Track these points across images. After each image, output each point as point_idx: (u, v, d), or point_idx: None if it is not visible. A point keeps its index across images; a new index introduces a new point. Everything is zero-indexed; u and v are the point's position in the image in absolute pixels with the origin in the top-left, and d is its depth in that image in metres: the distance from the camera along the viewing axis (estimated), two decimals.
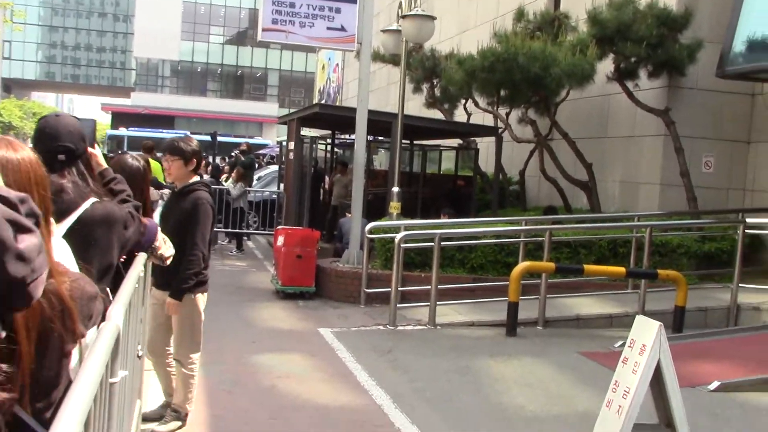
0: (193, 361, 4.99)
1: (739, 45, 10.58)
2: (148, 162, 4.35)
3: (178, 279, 4.79)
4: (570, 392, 6.29)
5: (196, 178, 5.01)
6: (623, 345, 7.59)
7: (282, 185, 17.05)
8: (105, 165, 3.39)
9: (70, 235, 2.65)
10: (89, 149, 3.20)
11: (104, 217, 2.97)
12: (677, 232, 10.66)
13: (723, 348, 7.71)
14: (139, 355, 3.74)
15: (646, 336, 4.73)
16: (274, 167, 21.58)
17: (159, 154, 9.51)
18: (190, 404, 5.03)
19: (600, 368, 7.00)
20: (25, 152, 1.71)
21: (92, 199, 2.96)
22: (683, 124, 11.78)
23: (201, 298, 4.99)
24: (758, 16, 10.37)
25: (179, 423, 4.99)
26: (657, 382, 4.76)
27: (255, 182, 19.25)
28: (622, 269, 8.89)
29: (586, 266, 8.75)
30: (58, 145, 2.97)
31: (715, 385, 6.44)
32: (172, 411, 5.01)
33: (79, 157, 3.04)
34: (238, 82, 66.28)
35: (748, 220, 9.89)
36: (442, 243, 8.87)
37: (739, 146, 12.56)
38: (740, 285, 9.26)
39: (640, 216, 10.63)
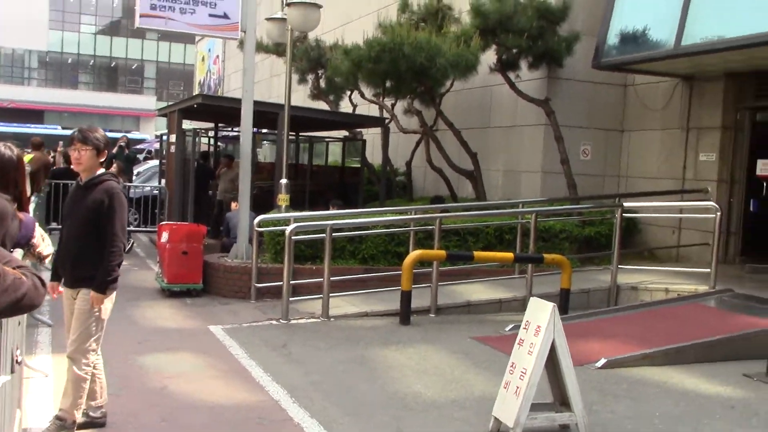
0: (89, 363, 4.69)
1: (612, 38, 11.05)
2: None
3: (102, 271, 4.60)
4: (465, 376, 6.35)
5: (103, 170, 4.78)
6: (514, 328, 7.79)
7: (164, 180, 16.45)
8: None
9: None
10: None
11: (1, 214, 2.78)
12: (559, 217, 11.03)
13: (606, 327, 8.02)
14: (18, 360, 3.45)
15: (541, 317, 4.83)
16: (154, 162, 20.82)
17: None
18: (78, 410, 4.71)
19: (493, 352, 7.13)
20: None
21: None
22: (562, 114, 12.20)
23: (111, 297, 4.75)
24: (630, 10, 10.86)
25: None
26: (551, 361, 4.87)
27: (134, 178, 18.50)
28: (510, 255, 9.09)
29: (475, 253, 8.88)
30: None
31: (602, 362, 6.68)
32: (56, 419, 4.67)
33: None
34: (113, 75, 63.54)
35: (624, 204, 10.32)
36: (333, 234, 8.78)
37: (613, 134, 13.15)
38: (619, 266, 9.67)
39: (525, 203, 10.93)
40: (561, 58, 11.89)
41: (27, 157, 11.72)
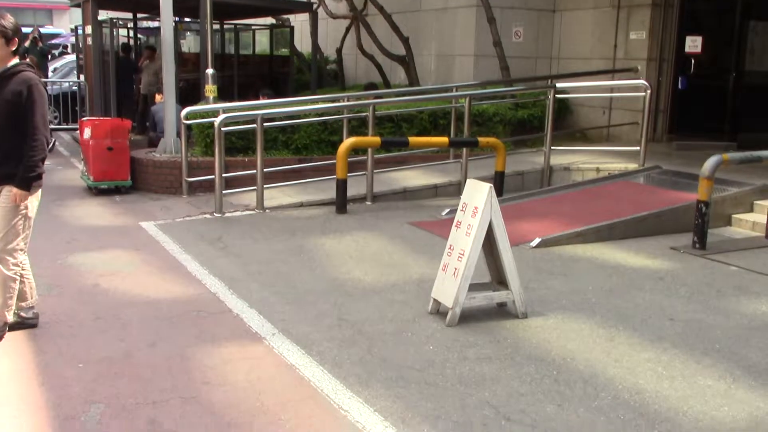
0: (18, 263, 4.51)
1: None
2: None
3: (24, 167, 4.36)
4: (404, 261, 6.39)
5: (17, 60, 4.44)
6: (450, 212, 7.84)
7: (82, 76, 15.66)
8: None
9: None
10: None
11: None
12: (493, 100, 10.97)
13: (540, 207, 8.14)
14: None
15: (478, 198, 4.81)
16: (71, 57, 19.78)
17: None
18: (9, 311, 4.56)
19: (430, 236, 7.17)
20: None
21: None
22: None
23: (36, 194, 4.53)
24: None
25: None
26: (489, 242, 4.90)
27: (51, 74, 17.59)
28: (444, 139, 9.03)
29: (410, 138, 8.79)
30: None
31: (536, 241, 6.80)
32: None
33: None
34: None
35: (557, 85, 10.29)
36: (265, 124, 8.53)
37: (545, 15, 12.98)
38: (552, 148, 9.74)
39: (458, 87, 10.79)
40: None
41: None
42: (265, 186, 8.36)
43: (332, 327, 4.82)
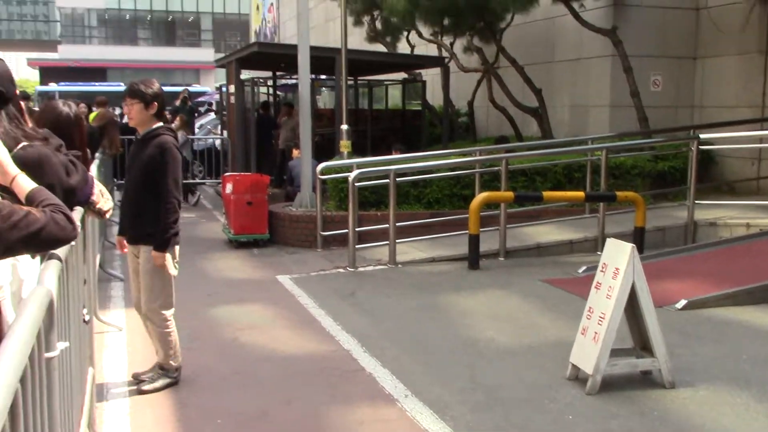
0: (166, 318, 4.75)
1: None
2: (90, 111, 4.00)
3: (160, 229, 4.61)
4: (539, 321, 6.18)
5: (160, 124, 4.72)
6: (588, 270, 7.56)
7: (226, 132, 16.50)
8: None
9: None
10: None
11: (37, 160, 2.69)
12: (631, 152, 10.60)
13: (685, 266, 7.70)
14: (86, 320, 3.43)
15: (619, 259, 4.60)
16: (212, 116, 20.95)
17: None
18: (175, 360, 4.82)
19: (566, 295, 6.92)
20: None
21: (23, 143, 2.68)
22: (630, 43, 11.63)
23: (174, 252, 4.76)
24: None
25: (168, 380, 4.80)
26: (631, 305, 4.66)
27: (197, 130, 18.64)
28: (580, 193, 8.78)
29: (545, 193, 8.60)
30: None
31: (682, 303, 6.41)
32: (159, 369, 4.84)
33: (9, 101, 2.72)
34: (170, 29, 63.86)
35: (701, 136, 9.82)
36: (397, 179, 8.61)
37: (686, 62, 12.51)
38: (695, 202, 9.26)
39: (594, 139, 10.52)
40: None
41: (92, 114, 11.89)
42: (397, 240, 8.39)
43: (465, 390, 4.70)
